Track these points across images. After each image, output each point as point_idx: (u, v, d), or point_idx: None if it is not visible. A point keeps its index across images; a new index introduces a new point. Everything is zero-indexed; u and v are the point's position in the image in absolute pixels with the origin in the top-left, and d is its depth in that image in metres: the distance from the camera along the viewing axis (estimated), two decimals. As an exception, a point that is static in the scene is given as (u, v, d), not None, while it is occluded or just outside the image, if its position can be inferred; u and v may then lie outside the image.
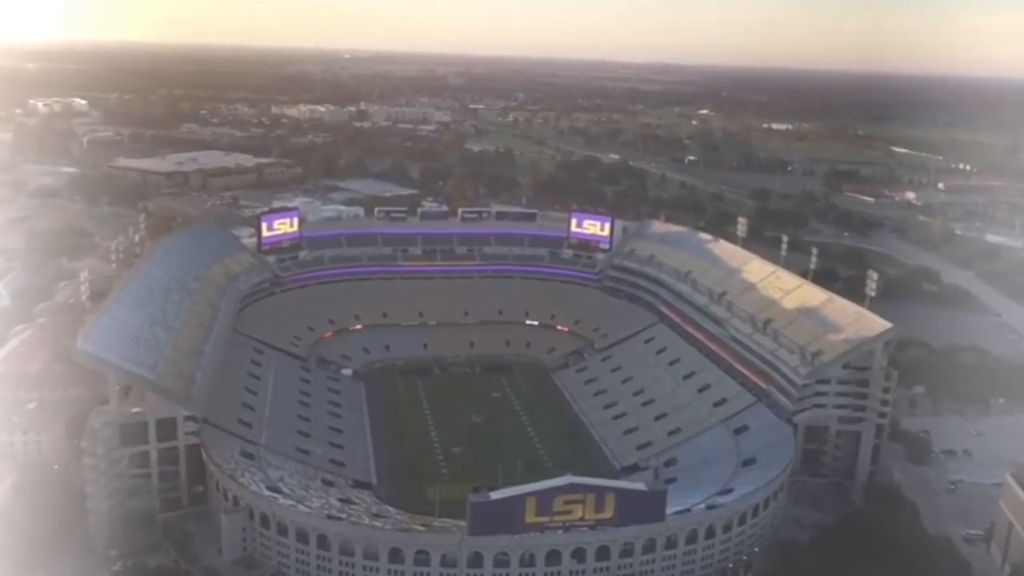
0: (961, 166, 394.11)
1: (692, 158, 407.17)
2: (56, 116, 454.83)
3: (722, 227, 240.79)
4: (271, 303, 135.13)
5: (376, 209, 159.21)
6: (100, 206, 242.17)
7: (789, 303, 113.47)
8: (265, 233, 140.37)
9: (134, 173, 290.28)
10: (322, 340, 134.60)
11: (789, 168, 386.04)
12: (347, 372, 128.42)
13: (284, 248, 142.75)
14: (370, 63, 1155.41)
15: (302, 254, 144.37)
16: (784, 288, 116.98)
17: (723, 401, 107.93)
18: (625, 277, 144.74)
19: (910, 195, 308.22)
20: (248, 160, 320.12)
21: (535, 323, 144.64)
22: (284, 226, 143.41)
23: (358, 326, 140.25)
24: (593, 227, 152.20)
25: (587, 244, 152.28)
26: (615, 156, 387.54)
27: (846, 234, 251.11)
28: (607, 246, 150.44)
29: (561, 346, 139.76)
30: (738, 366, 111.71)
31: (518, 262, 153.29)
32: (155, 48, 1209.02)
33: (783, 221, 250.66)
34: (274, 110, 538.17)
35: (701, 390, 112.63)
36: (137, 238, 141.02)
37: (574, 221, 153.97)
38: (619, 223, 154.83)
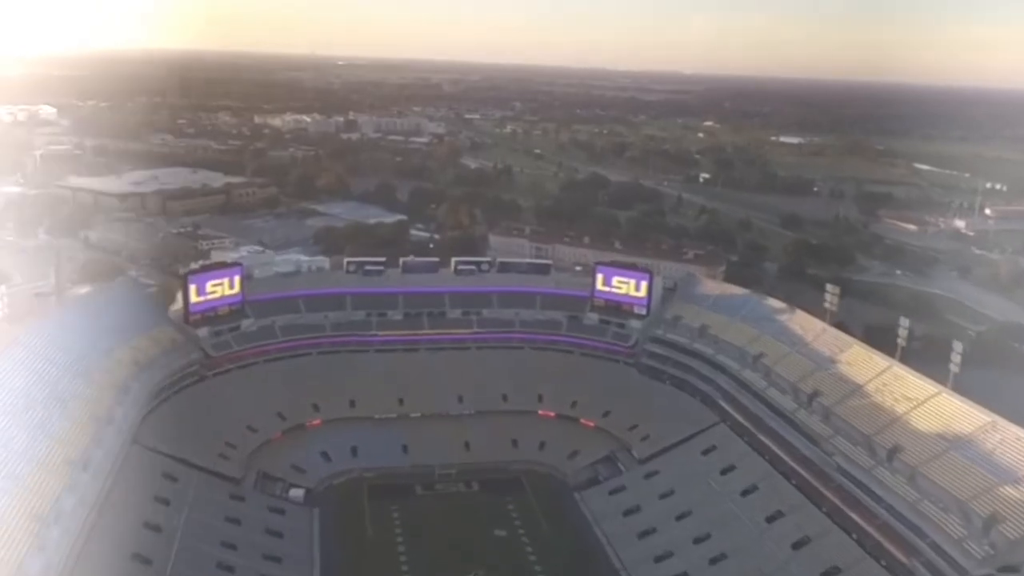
0: (997, 186, 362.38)
1: (706, 176, 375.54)
2: (19, 125, 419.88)
3: (758, 263, 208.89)
4: (198, 395, 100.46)
5: (345, 261, 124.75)
6: (34, 236, 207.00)
7: (923, 422, 79.24)
8: (194, 299, 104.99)
9: (84, 194, 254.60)
10: (268, 443, 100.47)
11: (815, 189, 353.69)
12: (297, 494, 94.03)
13: (220, 316, 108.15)
14: (364, 70, 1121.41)
15: (245, 323, 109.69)
16: (911, 396, 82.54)
17: (836, 572, 73.98)
18: (669, 355, 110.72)
19: (959, 223, 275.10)
20: (216, 179, 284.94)
21: (551, 414, 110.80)
22: (221, 288, 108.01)
23: (316, 421, 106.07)
24: (625, 285, 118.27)
25: (618, 307, 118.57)
26: (623, 173, 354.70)
27: (899, 272, 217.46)
28: (644, 311, 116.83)
29: (587, 448, 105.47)
30: (852, 515, 77.66)
31: (527, 329, 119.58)
32: (150, 53, 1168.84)
33: (826, 257, 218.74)
34: (257, 120, 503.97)
35: (796, 546, 78.43)
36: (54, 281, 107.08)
37: (600, 277, 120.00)
38: (657, 279, 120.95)
